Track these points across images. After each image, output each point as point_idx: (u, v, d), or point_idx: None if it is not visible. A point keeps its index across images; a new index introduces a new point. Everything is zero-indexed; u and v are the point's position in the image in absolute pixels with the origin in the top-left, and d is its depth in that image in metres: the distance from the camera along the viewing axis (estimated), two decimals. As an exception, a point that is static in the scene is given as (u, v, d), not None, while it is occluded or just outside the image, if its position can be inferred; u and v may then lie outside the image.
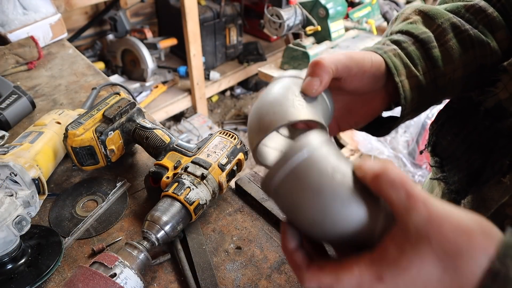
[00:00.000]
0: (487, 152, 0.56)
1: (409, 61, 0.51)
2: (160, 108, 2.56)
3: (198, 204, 0.62)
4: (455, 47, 0.52)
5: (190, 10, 2.28)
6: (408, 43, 0.52)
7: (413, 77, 0.50)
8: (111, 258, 0.53)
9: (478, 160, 0.57)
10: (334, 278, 0.34)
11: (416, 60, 0.51)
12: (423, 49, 0.52)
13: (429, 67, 0.52)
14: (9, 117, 0.90)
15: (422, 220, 0.31)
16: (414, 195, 0.31)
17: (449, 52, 0.52)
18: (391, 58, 0.49)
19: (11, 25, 1.18)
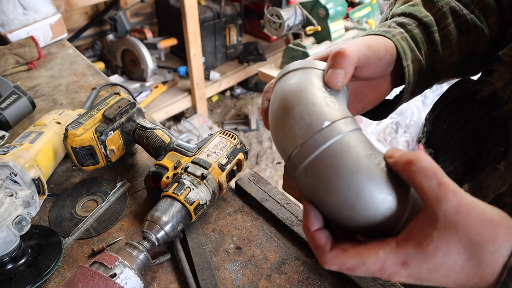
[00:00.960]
0: (482, 141, 0.56)
1: (414, 44, 0.51)
2: (160, 108, 2.56)
3: (198, 204, 0.62)
4: (453, 32, 0.53)
5: (190, 10, 2.28)
6: (413, 26, 0.52)
7: (417, 61, 0.51)
8: (111, 258, 0.53)
9: (473, 149, 0.58)
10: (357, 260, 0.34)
11: (420, 43, 0.52)
12: (426, 32, 0.52)
13: (430, 51, 0.52)
14: (9, 117, 0.90)
15: (451, 209, 0.31)
16: (445, 185, 0.32)
17: (448, 37, 0.52)
18: (399, 42, 0.49)
19: (11, 25, 1.18)
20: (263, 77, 2.14)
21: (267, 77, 2.11)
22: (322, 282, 0.59)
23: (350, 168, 0.33)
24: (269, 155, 2.64)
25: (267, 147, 2.71)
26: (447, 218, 0.31)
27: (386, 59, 0.48)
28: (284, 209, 0.69)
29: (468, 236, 0.31)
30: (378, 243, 0.34)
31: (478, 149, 0.57)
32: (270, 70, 2.11)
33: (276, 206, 0.70)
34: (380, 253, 0.33)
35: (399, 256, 0.33)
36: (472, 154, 0.58)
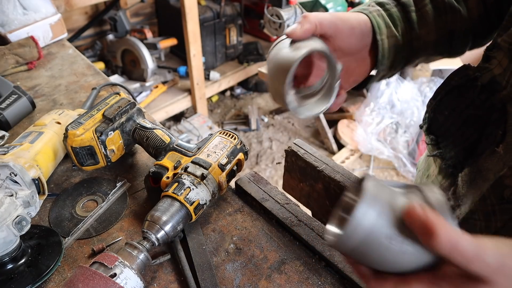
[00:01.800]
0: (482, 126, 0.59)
1: (390, 22, 0.56)
2: (160, 108, 2.56)
3: (198, 204, 0.62)
4: (430, 12, 0.57)
5: (190, 10, 2.28)
6: (391, 5, 0.57)
7: (393, 36, 0.56)
8: (111, 258, 0.53)
9: (473, 134, 0.60)
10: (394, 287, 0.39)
11: (397, 21, 0.56)
12: (404, 11, 0.57)
13: (407, 29, 0.57)
14: (9, 117, 0.90)
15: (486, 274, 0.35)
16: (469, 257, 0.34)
17: (425, 16, 0.57)
18: (375, 18, 0.55)
19: (11, 25, 1.18)
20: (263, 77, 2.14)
21: (267, 77, 2.10)
22: (322, 282, 0.59)
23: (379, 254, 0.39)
24: (269, 155, 2.64)
25: (267, 147, 2.71)
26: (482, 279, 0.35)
27: (360, 29, 0.54)
28: (284, 209, 0.69)
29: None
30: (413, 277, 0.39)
31: (478, 134, 0.59)
32: (270, 70, 2.10)
33: (276, 206, 0.70)
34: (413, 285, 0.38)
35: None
36: (472, 139, 0.60)
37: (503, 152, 0.54)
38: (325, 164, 0.79)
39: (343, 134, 2.66)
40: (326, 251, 0.62)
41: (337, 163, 0.80)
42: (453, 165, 0.63)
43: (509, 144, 0.53)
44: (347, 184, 0.75)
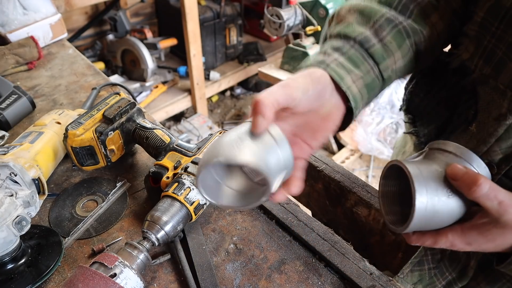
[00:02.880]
0: (453, 106, 0.64)
1: (351, 65, 0.54)
2: (160, 108, 2.56)
3: (198, 204, 0.62)
4: (392, 41, 0.57)
5: (190, 10, 2.28)
6: (347, 47, 0.56)
7: (359, 79, 0.54)
8: (111, 258, 0.53)
9: (445, 113, 0.66)
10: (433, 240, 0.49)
11: (358, 62, 0.55)
12: (363, 49, 0.56)
13: (371, 65, 0.56)
14: (9, 117, 0.90)
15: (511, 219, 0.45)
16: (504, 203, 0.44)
17: (388, 46, 0.57)
18: (335, 70, 0.53)
19: (11, 25, 1.18)
20: (263, 77, 2.14)
21: (267, 77, 2.11)
22: (322, 282, 0.59)
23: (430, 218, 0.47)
24: (269, 155, 2.63)
25: (267, 147, 2.70)
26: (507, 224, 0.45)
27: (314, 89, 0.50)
28: (284, 209, 0.69)
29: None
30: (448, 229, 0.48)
31: (449, 113, 0.65)
32: (270, 70, 2.11)
33: (276, 206, 0.70)
34: (449, 236, 0.48)
35: (464, 239, 0.47)
36: (444, 118, 0.66)
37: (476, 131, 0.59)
38: (325, 164, 0.79)
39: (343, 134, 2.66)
40: (326, 251, 0.62)
41: (337, 163, 0.80)
42: (426, 141, 0.69)
43: (481, 123, 0.59)
44: (347, 184, 0.75)
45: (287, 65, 2.07)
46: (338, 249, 0.62)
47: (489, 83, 0.57)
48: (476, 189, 0.44)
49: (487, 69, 0.57)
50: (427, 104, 0.69)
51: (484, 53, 0.57)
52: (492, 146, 0.56)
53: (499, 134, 0.55)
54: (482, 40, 0.57)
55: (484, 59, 0.58)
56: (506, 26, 0.53)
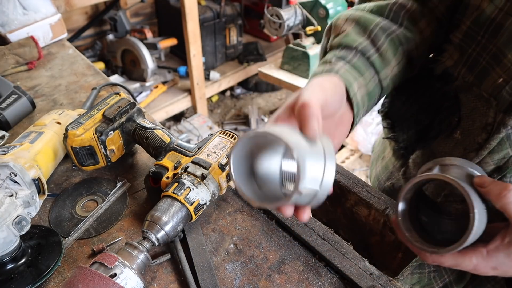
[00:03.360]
0: (434, 112, 0.64)
1: (356, 73, 0.56)
2: (160, 108, 2.56)
3: (198, 204, 0.62)
4: (388, 49, 0.58)
5: (190, 10, 2.28)
6: (350, 57, 0.57)
7: (362, 87, 0.56)
8: (111, 258, 0.53)
9: (425, 119, 0.66)
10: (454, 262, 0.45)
11: (362, 70, 0.56)
12: (365, 57, 0.57)
13: (373, 73, 0.58)
14: (9, 117, 0.90)
15: None
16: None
17: (385, 55, 0.58)
18: (344, 76, 0.54)
19: (11, 25, 1.18)
20: (263, 77, 2.14)
21: (267, 77, 2.11)
22: (322, 282, 0.59)
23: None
24: (269, 155, 2.63)
25: (267, 147, 2.70)
26: None
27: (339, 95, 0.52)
28: (284, 209, 0.69)
29: None
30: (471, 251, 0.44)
31: (430, 119, 0.65)
32: (270, 70, 2.11)
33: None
34: (473, 259, 0.44)
35: (490, 263, 0.44)
36: (425, 123, 0.66)
37: (461, 138, 0.59)
38: (325, 164, 0.79)
39: (343, 134, 2.66)
40: (326, 251, 0.62)
41: (337, 163, 0.80)
42: (405, 147, 0.70)
43: (465, 130, 0.59)
44: (347, 184, 0.75)
45: (287, 65, 2.07)
46: (338, 249, 0.62)
47: (472, 91, 0.58)
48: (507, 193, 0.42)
49: (469, 77, 0.58)
50: (408, 109, 0.69)
51: (468, 61, 0.58)
52: (484, 158, 0.56)
53: (492, 147, 0.55)
54: (466, 49, 0.59)
55: (468, 67, 0.59)
56: (491, 36, 0.55)
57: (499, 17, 0.53)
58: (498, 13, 0.53)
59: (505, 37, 0.53)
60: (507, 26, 0.52)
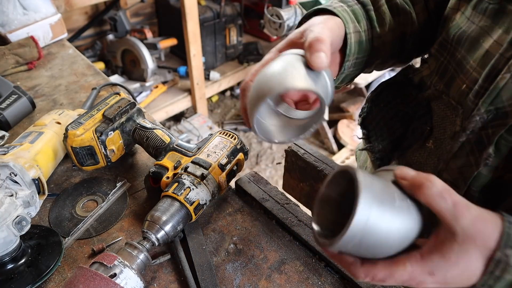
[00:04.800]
0: (408, 121, 0.64)
1: (354, 17, 0.58)
2: (160, 108, 2.56)
3: (198, 204, 0.62)
4: (386, 12, 0.60)
5: (190, 10, 2.28)
6: (352, 3, 0.60)
7: (357, 32, 0.57)
8: (111, 257, 0.53)
9: (399, 129, 0.66)
10: (387, 273, 0.39)
11: (359, 17, 0.59)
12: (364, 9, 0.60)
13: (368, 27, 0.59)
14: (9, 117, 0.90)
15: (468, 224, 0.36)
16: (459, 204, 0.37)
17: (382, 16, 0.60)
18: (341, 13, 0.56)
19: (11, 25, 1.18)
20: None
21: (267, 77, 2.10)
22: (322, 282, 0.59)
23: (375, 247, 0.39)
24: (269, 155, 2.64)
25: (267, 147, 2.71)
26: (465, 232, 0.36)
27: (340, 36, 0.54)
28: (284, 209, 0.69)
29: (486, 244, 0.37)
30: (404, 257, 0.39)
31: (403, 129, 0.65)
32: (270, 70, 2.10)
33: (276, 206, 0.70)
34: (408, 265, 0.38)
35: (425, 267, 0.38)
36: (398, 133, 0.66)
37: (434, 147, 0.58)
38: (325, 164, 0.79)
39: (343, 134, 2.66)
40: (326, 251, 0.62)
41: (337, 163, 0.80)
42: (381, 158, 0.69)
43: (437, 139, 0.58)
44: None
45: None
46: (338, 249, 0.62)
47: (442, 99, 0.58)
48: (428, 184, 0.37)
49: (440, 85, 0.59)
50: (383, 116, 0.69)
51: (440, 70, 0.60)
52: (449, 163, 0.55)
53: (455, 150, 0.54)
54: (439, 57, 0.60)
55: (439, 75, 0.60)
56: (456, 44, 0.56)
57: (465, 26, 0.55)
58: (465, 23, 0.56)
59: (467, 43, 0.54)
60: (469, 33, 0.54)
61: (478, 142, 0.51)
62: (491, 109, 0.49)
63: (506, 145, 0.49)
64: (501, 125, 0.49)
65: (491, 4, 0.52)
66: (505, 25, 0.50)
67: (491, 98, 0.49)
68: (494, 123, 0.50)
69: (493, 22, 0.51)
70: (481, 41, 0.52)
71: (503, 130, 0.48)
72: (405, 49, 0.65)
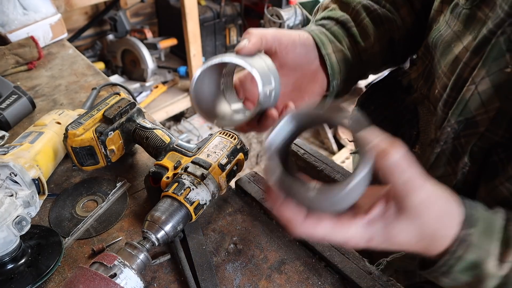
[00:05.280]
0: (397, 125, 0.64)
1: (333, 38, 0.58)
2: (160, 108, 2.56)
3: (198, 204, 0.62)
4: (368, 24, 0.60)
5: (190, 10, 2.28)
6: (331, 25, 0.60)
7: (339, 51, 0.57)
8: (110, 257, 0.53)
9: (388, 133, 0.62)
10: (329, 231, 0.39)
11: (340, 37, 0.58)
12: (344, 28, 0.60)
13: (352, 43, 0.59)
14: (9, 117, 0.90)
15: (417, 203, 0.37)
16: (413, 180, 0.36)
17: (365, 29, 0.60)
18: (317, 35, 0.56)
19: (11, 25, 1.18)
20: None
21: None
22: (322, 282, 0.59)
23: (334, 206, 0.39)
24: (269, 155, 2.63)
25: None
26: (413, 210, 0.37)
27: (302, 42, 0.54)
28: (284, 209, 0.69)
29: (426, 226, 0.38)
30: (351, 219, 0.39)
31: (392, 133, 0.64)
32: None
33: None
34: (352, 228, 0.38)
35: (366, 234, 0.39)
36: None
37: (421, 152, 0.58)
38: (325, 164, 0.79)
39: (343, 134, 2.66)
40: (326, 251, 0.62)
41: (337, 163, 0.80)
42: None
43: (423, 144, 0.57)
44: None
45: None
46: (338, 249, 0.62)
47: (424, 103, 0.59)
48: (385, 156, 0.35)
49: (424, 89, 0.59)
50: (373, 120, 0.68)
51: (425, 73, 0.59)
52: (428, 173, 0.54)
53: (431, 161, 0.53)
54: (424, 60, 0.60)
55: (424, 78, 0.60)
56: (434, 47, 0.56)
57: (443, 29, 0.55)
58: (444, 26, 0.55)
59: (441, 47, 0.54)
60: (445, 37, 0.54)
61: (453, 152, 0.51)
62: (461, 119, 0.49)
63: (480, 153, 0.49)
64: (473, 134, 0.49)
65: (464, 9, 0.51)
66: (474, 31, 0.49)
67: (459, 109, 0.48)
68: (465, 132, 0.49)
69: (465, 27, 0.51)
70: (452, 46, 0.52)
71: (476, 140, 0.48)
72: (397, 53, 0.65)
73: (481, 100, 0.46)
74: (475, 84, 0.46)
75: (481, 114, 0.47)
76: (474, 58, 0.47)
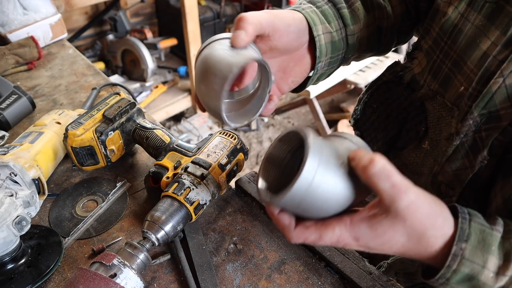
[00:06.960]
0: (401, 122, 0.64)
1: (324, 18, 0.57)
2: (160, 108, 2.56)
3: (198, 204, 0.62)
4: (360, 8, 0.60)
5: (190, 10, 2.28)
6: (322, 3, 0.59)
7: (328, 33, 0.57)
8: (109, 256, 0.53)
9: (393, 129, 0.65)
10: (317, 235, 0.42)
11: (330, 18, 0.58)
12: (335, 8, 0.59)
13: (341, 26, 0.59)
14: (9, 117, 0.90)
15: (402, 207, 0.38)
16: (397, 186, 0.38)
17: (356, 12, 0.59)
18: (309, 15, 0.55)
19: (11, 25, 1.18)
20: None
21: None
22: (322, 282, 0.59)
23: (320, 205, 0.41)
24: (269, 155, 2.63)
25: (267, 147, 2.71)
26: (398, 212, 0.39)
27: (296, 26, 0.54)
28: (284, 209, 0.69)
29: (413, 227, 0.40)
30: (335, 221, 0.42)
31: (397, 129, 0.65)
32: (270, 70, 2.10)
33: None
34: (336, 229, 0.41)
35: (352, 233, 0.41)
36: (392, 134, 0.66)
37: (430, 148, 0.58)
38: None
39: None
40: (326, 251, 0.62)
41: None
42: None
43: (433, 140, 0.58)
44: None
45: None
46: (338, 249, 0.62)
47: (436, 99, 0.58)
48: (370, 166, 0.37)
49: (434, 85, 0.58)
50: (377, 117, 0.69)
51: (433, 68, 0.59)
52: (444, 166, 0.54)
53: (449, 153, 0.53)
54: (432, 55, 0.59)
55: (432, 74, 0.59)
56: (452, 42, 0.55)
57: (460, 23, 0.54)
58: (460, 19, 0.54)
59: (464, 43, 0.53)
60: (466, 32, 0.53)
61: (473, 145, 0.51)
62: (484, 112, 0.49)
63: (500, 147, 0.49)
64: (495, 128, 0.48)
65: (488, 3, 0.50)
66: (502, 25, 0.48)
67: (484, 102, 0.48)
68: (487, 126, 0.49)
69: (490, 22, 0.50)
70: (478, 42, 0.51)
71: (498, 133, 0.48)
72: (382, 42, 0.65)
73: (507, 93, 0.47)
74: (503, 77, 0.46)
75: (506, 108, 0.47)
76: (504, 51, 0.47)
